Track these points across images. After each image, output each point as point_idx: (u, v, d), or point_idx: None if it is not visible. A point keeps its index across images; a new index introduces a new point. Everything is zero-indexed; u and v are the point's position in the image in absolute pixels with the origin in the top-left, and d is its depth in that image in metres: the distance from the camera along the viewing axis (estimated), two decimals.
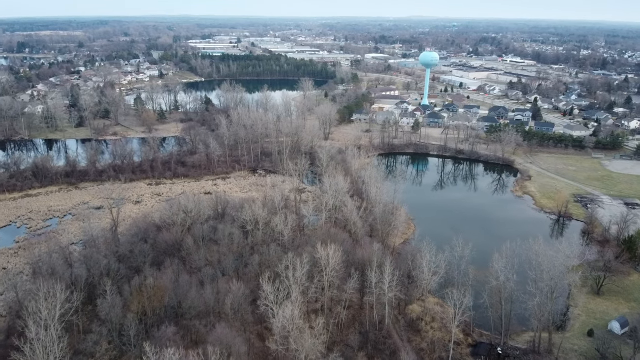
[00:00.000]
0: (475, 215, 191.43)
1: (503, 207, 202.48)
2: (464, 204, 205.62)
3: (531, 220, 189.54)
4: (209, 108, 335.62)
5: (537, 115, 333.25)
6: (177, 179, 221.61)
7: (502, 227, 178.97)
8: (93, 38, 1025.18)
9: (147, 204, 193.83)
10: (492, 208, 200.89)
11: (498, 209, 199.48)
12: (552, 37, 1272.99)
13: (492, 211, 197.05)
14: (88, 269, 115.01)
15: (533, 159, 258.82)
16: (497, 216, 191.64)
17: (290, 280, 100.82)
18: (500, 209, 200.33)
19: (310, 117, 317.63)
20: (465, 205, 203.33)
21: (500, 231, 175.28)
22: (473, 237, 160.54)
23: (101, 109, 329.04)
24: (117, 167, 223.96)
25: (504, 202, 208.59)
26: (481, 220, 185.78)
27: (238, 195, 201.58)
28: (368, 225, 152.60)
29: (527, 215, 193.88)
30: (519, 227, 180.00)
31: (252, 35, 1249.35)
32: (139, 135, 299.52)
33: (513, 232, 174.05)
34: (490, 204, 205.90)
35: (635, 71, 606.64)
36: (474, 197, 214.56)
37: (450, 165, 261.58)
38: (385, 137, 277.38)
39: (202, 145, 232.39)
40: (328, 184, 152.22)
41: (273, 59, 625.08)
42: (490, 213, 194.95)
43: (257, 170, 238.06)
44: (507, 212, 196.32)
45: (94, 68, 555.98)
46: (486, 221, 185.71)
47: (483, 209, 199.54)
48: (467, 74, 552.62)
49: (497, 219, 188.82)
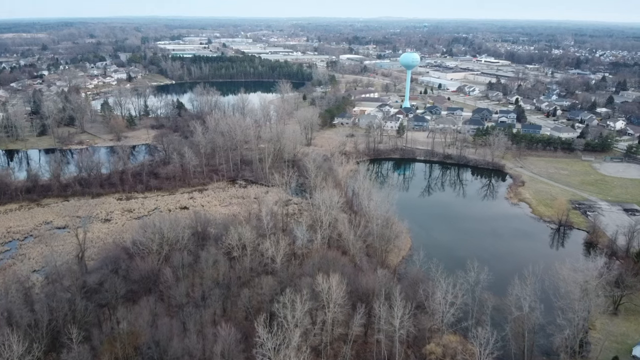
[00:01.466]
0: (472, 225, 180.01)
1: (500, 215, 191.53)
2: (458, 212, 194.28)
3: (530, 230, 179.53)
4: (182, 113, 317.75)
5: (521, 116, 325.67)
6: (150, 192, 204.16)
7: (504, 240, 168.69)
8: (57, 40, 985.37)
9: (118, 222, 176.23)
10: (489, 217, 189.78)
11: (495, 218, 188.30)
12: (521, 36, 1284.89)
13: (490, 220, 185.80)
14: (50, 310, 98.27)
15: (523, 163, 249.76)
16: (495, 226, 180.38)
17: (289, 321, 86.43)
18: (497, 218, 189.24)
19: (289, 121, 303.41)
20: (460, 214, 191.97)
21: (502, 244, 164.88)
22: (477, 253, 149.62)
23: (65, 116, 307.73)
24: (83, 181, 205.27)
25: (500, 210, 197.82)
26: (479, 232, 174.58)
27: (218, 209, 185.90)
28: (363, 242, 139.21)
29: (526, 225, 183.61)
30: (520, 239, 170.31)
31: (223, 36, 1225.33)
32: (106, 144, 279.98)
33: (516, 245, 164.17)
34: (486, 213, 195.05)
35: (610, 70, 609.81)
36: (468, 205, 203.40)
37: (439, 170, 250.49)
38: (370, 142, 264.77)
39: (175, 154, 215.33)
40: (320, 199, 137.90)
41: (247, 60, 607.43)
42: (487, 222, 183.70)
43: (237, 180, 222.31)
44: (505, 222, 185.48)
45: (58, 72, 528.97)
46: (485, 232, 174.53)
47: (479, 218, 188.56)
48: (445, 75, 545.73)
49: (496, 229, 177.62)
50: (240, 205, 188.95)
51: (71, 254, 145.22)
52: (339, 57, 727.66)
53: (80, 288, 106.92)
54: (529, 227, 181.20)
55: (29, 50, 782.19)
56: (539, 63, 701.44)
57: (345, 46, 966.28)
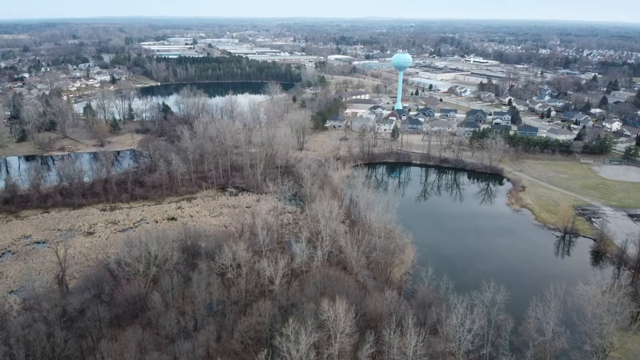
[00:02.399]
0: (475, 235, 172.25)
1: (502, 223, 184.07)
2: (459, 220, 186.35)
3: (535, 238, 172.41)
4: (168, 116, 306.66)
5: (516, 118, 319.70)
6: (135, 202, 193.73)
7: (510, 251, 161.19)
8: (39, 41, 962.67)
9: (101, 236, 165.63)
10: (491, 224, 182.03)
11: (498, 226, 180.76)
12: (507, 36, 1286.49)
13: (492, 229, 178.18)
14: (27, 344, 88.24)
15: (521, 166, 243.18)
16: (499, 235, 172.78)
17: (294, 356, 77.51)
18: (499, 225, 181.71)
19: (280, 124, 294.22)
20: (462, 223, 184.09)
21: (509, 256, 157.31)
22: (484, 267, 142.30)
23: (46, 121, 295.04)
24: (64, 190, 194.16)
25: (502, 217, 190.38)
26: (484, 242, 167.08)
27: (208, 220, 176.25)
28: (366, 257, 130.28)
29: (530, 233, 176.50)
30: (526, 249, 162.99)
31: (208, 36, 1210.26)
32: (89, 150, 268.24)
33: (523, 256, 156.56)
34: (488, 220, 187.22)
35: (599, 69, 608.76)
36: (468, 212, 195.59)
37: (435, 174, 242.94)
38: (365, 145, 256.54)
39: (162, 161, 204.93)
40: (319, 210, 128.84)
41: (234, 60, 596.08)
42: (490, 231, 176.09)
43: (227, 188, 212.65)
44: (508, 230, 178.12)
45: (40, 74, 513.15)
46: (489, 242, 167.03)
47: (482, 226, 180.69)
48: (435, 76, 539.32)
49: (500, 239, 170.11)
50: (232, 216, 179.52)
51: (51, 272, 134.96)
52: (327, 58, 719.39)
53: (59, 316, 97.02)
54: (534, 235, 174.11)
55: (10, 52, 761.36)
56: (528, 63, 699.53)
57: (332, 46, 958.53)
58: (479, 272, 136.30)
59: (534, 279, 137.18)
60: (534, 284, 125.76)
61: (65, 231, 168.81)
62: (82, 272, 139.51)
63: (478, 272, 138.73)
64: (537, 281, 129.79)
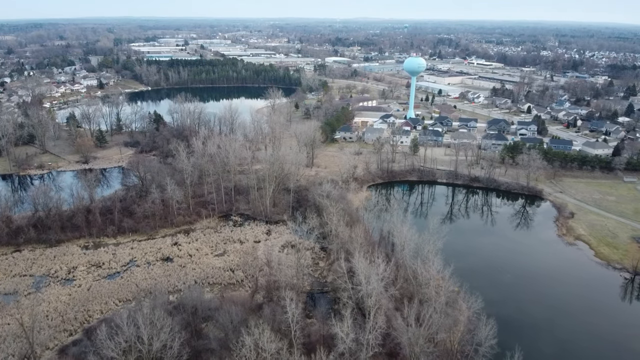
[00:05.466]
0: (531, 278, 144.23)
1: (558, 261, 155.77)
2: (507, 256, 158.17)
3: (599, 280, 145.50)
4: (160, 127, 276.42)
5: (541, 128, 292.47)
6: (123, 236, 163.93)
7: (579, 301, 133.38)
8: (25, 43, 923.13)
9: (82, 284, 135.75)
10: (546, 264, 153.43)
11: (554, 266, 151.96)
12: (503, 37, 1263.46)
13: (548, 269, 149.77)
14: None
15: (561, 187, 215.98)
16: (558, 279, 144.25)
17: None
18: (556, 265, 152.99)
19: (284, 134, 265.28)
20: (508, 257, 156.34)
21: (580, 307, 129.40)
22: (553, 326, 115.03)
23: (24, 134, 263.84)
24: (39, 223, 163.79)
25: (556, 252, 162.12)
26: (542, 287, 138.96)
27: (210, 262, 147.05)
28: (426, 336, 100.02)
29: (592, 273, 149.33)
30: (592, 294, 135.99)
31: (200, 37, 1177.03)
32: (72, 167, 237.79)
33: (598, 308, 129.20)
34: (541, 257, 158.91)
35: (608, 72, 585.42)
36: (515, 246, 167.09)
37: (463, 195, 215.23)
38: (383, 161, 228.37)
39: (155, 187, 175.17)
40: (361, 272, 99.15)
41: (229, 63, 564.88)
42: (546, 273, 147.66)
43: (231, 216, 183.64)
44: (566, 270, 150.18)
45: (22, 78, 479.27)
46: (550, 289, 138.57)
47: (534, 265, 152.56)
48: (442, 79, 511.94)
49: (561, 283, 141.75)
50: (238, 253, 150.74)
51: (18, 345, 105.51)
52: (324, 60, 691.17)
53: None
54: (596, 276, 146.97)
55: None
56: (533, 65, 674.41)
57: (329, 48, 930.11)
58: (554, 339, 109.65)
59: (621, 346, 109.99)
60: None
61: (38, 277, 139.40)
62: (57, 341, 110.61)
63: (552, 338, 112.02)
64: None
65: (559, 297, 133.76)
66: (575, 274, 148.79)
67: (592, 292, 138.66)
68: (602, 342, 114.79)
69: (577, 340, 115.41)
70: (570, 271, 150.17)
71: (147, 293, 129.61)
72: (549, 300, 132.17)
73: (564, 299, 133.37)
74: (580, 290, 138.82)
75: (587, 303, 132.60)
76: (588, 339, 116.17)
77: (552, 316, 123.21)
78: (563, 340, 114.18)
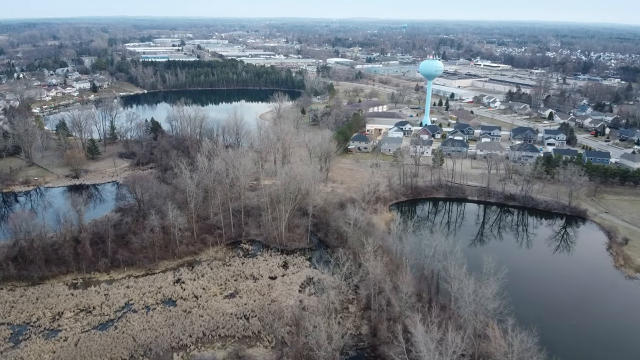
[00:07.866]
0: (599, 324, 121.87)
1: (618, 301, 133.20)
2: (564, 295, 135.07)
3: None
4: (158, 137, 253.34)
5: (570, 138, 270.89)
6: (117, 271, 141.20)
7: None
8: (17, 43, 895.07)
9: (68, 337, 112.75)
10: (606, 305, 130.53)
11: (615, 308, 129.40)
12: (503, 38, 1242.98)
13: (616, 310, 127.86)
14: None
15: (605, 206, 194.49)
16: (624, 324, 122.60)
17: None
18: (617, 307, 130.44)
19: (292, 143, 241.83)
20: (568, 298, 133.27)
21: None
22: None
23: (8, 144, 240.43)
24: (20, 255, 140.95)
25: (614, 288, 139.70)
26: (615, 334, 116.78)
27: (220, 306, 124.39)
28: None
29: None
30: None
31: (197, 37, 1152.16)
32: (60, 182, 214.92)
33: None
34: (598, 295, 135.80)
35: (621, 75, 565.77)
36: (570, 280, 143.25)
37: (496, 214, 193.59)
38: (406, 176, 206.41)
39: (154, 212, 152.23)
40: (425, 349, 76.80)
41: (228, 65, 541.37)
42: (615, 314, 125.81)
43: (241, 243, 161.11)
44: (630, 309, 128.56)
45: (11, 81, 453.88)
46: (623, 335, 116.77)
47: (598, 305, 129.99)
48: (452, 82, 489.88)
49: (628, 332, 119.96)
50: (253, 295, 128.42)
51: None
52: (326, 61, 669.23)
53: None
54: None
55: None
56: (542, 67, 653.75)
57: (329, 48, 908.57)
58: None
59: None
60: None
61: (17, 328, 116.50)
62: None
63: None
64: None
65: (624, 343, 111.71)
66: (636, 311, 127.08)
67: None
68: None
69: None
70: (631, 308, 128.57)
71: (146, 350, 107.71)
72: (612, 346, 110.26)
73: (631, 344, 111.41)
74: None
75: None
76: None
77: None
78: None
